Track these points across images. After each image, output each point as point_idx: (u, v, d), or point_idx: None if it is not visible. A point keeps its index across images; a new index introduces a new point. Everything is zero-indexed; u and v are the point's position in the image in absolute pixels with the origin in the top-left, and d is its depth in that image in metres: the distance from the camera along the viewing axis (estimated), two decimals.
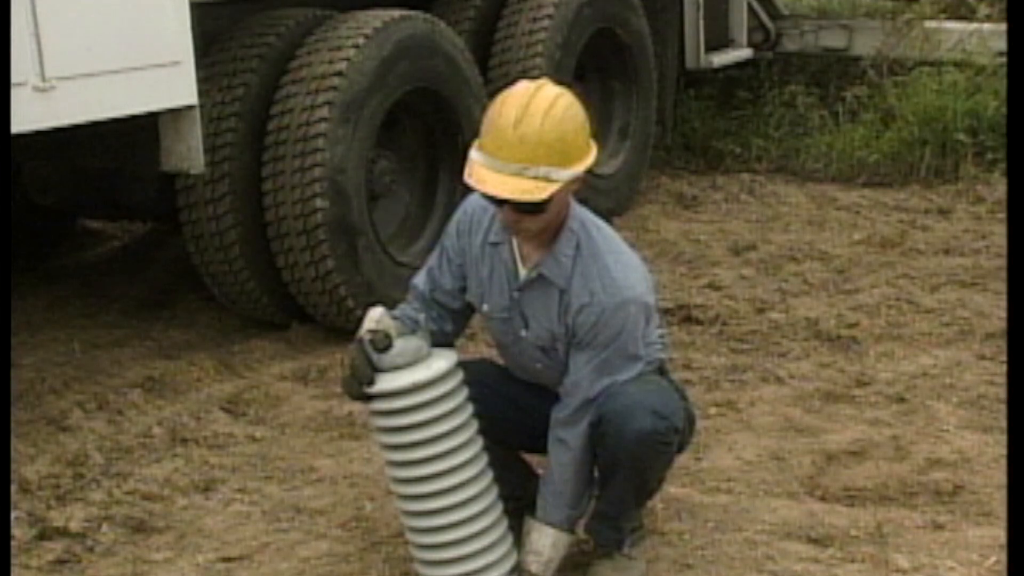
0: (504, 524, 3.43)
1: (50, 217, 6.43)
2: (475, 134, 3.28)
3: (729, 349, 5.27)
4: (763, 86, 8.67)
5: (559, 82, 3.36)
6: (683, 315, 5.60)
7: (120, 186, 5.47)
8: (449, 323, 3.53)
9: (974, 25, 8.34)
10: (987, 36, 8.13)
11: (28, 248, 6.39)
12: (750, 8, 8.56)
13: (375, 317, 3.34)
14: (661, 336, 3.55)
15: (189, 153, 4.77)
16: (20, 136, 4.07)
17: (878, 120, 8.01)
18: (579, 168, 3.19)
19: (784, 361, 5.11)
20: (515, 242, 3.37)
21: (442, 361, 3.32)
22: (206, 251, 5.35)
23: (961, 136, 7.53)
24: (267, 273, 5.37)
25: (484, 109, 5.58)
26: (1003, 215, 6.60)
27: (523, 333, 3.40)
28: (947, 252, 6.38)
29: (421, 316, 3.46)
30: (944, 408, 4.56)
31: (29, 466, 4.33)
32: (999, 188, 7.07)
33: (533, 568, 3.38)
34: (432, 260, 3.55)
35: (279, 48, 5.38)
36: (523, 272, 3.36)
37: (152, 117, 4.70)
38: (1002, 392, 4.57)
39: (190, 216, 5.31)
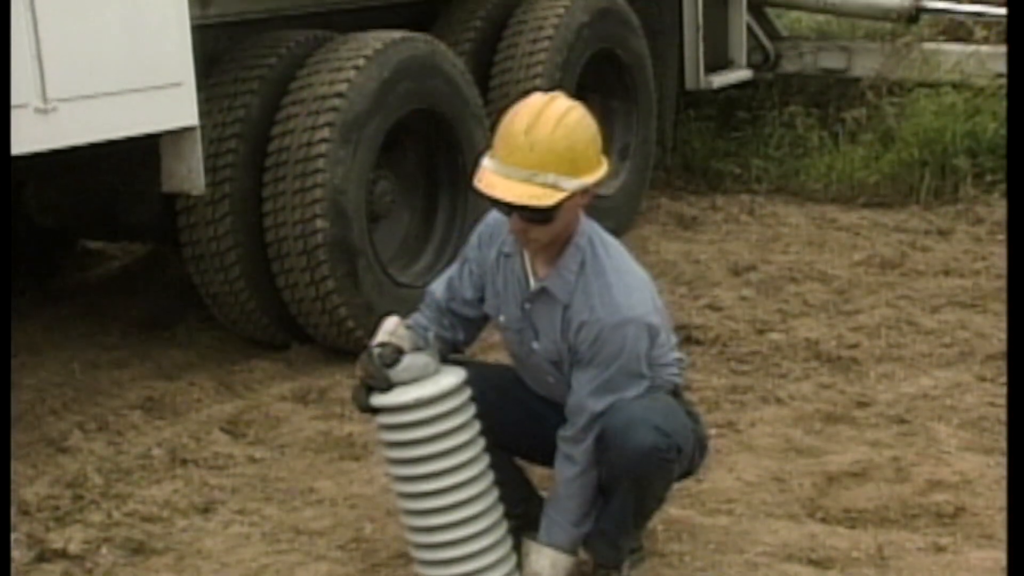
0: (508, 543, 3.44)
1: (51, 238, 6.44)
2: (475, 155, 3.30)
3: (729, 370, 5.27)
4: (763, 107, 8.69)
5: None
6: (683, 336, 5.58)
7: (121, 207, 5.48)
8: (461, 332, 3.56)
9: (972, 47, 8.37)
10: (985, 58, 8.16)
11: (29, 269, 6.39)
12: (750, 29, 8.59)
13: (389, 329, 3.38)
14: (679, 360, 3.55)
15: (190, 174, 4.77)
16: (21, 157, 4.07)
17: (877, 141, 8.03)
18: (588, 180, 3.21)
19: (784, 382, 5.11)
20: (526, 255, 3.39)
21: (449, 378, 3.33)
22: (206, 272, 5.35)
23: (960, 158, 7.55)
24: (267, 293, 5.37)
25: (484, 130, 5.64)
26: (1003, 236, 6.61)
27: (535, 345, 3.41)
28: (947, 273, 6.39)
29: (433, 328, 3.48)
30: (945, 430, 4.56)
31: (28, 488, 4.32)
32: (998, 209, 7.08)
33: None
34: (453, 270, 3.57)
35: (280, 69, 5.39)
36: (533, 284, 3.38)
37: (153, 138, 4.70)
38: (1003, 414, 4.56)
39: (190, 237, 5.31)
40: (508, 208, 3.21)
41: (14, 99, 3.97)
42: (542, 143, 3.14)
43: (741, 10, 8.38)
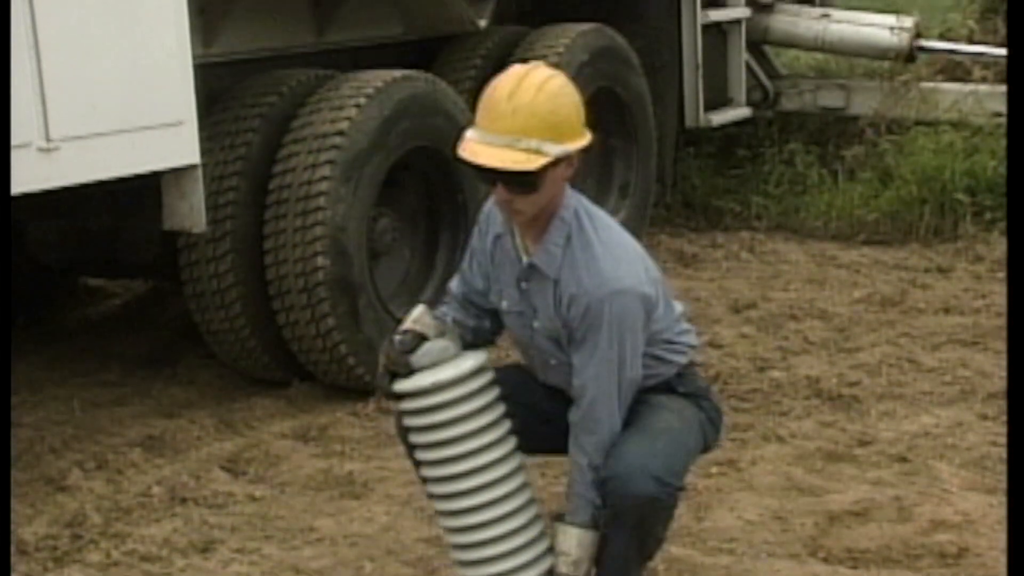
0: (539, 526, 3.41)
1: (52, 275, 6.44)
2: (476, 193, 3.30)
3: (730, 407, 5.25)
4: (762, 144, 8.71)
5: None
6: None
7: (122, 245, 5.49)
8: (487, 320, 3.55)
9: (970, 86, 8.41)
10: (983, 97, 8.20)
11: (30, 306, 6.40)
12: (749, 68, 8.62)
13: (415, 316, 3.40)
14: (686, 335, 3.48)
15: (191, 212, 4.78)
16: (24, 196, 4.08)
17: (877, 179, 8.05)
18: (571, 146, 3.19)
19: (785, 420, 5.10)
20: (516, 233, 3.36)
21: (469, 361, 3.33)
22: (207, 309, 5.36)
23: (959, 195, 7.57)
24: (268, 331, 5.37)
25: None
26: (1003, 274, 6.61)
27: (536, 324, 3.38)
28: (947, 311, 6.39)
29: (461, 317, 3.49)
30: (947, 469, 4.55)
31: (27, 527, 4.31)
32: (998, 247, 7.09)
33: (563, 569, 3.32)
34: (464, 262, 3.57)
35: (281, 108, 5.42)
36: (524, 262, 3.36)
37: (155, 176, 4.71)
38: (1005, 452, 4.55)
39: (191, 274, 5.31)
40: (492, 177, 3.19)
41: (17, 139, 3.99)
42: (524, 108, 3.13)
43: (740, 49, 8.42)
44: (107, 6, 4.35)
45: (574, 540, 3.32)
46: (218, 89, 5.39)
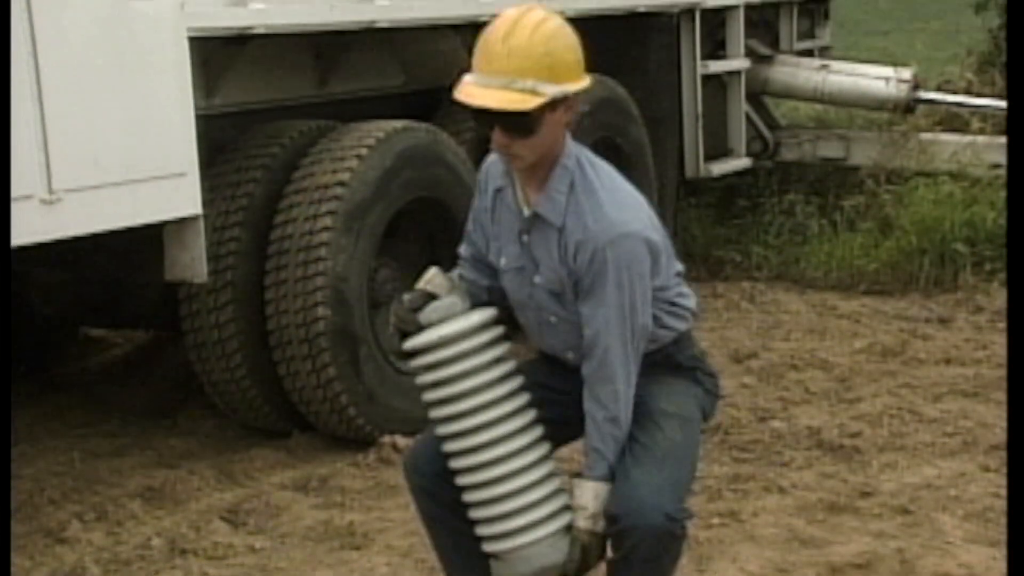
0: (556, 481, 3.35)
1: (52, 325, 6.44)
2: None
3: (731, 458, 5.25)
4: (762, 195, 8.74)
5: None
6: None
7: (123, 295, 5.50)
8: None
9: (968, 138, 8.45)
10: (981, 149, 8.24)
11: (30, 356, 6.39)
12: (748, 118, 8.66)
13: (427, 277, 3.38)
14: (687, 299, 3.44)
15: (192, 263, 4.79)
16: (25, 247, 4.09)
17: (876, 229, 8.07)
18: (568, 87, 3.16)
19: (787, 471, 5.09)
20: (517, 185, 3.33)
21: (476, 316, 3.31)
22: (208, 359, 5.35)
23: (959, 246, 7.59)
24: (269, 381, 5.37)
25: None
26: (1003, 325, 6.61)
27: (536, 279, 3.33)
28: (948, 362, 6.39)
29: (473, 275, 3.46)
30: (950, 521, 4.53)
31: None
32: (999, 298, 7.10)
33: (580, 524, 3.26)
34: (468, 225, 3.54)
35: (283, 158, 5.44)
36: (526, 213, 3.32)
37: (156, 227, 4.73)
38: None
39: (192, 324, 5.32)
40: (490, 120, 3.17)
41: (20, 190, 4.00)
42: (520, 49, 3.10)
43: (740, 99, 8.46)
44: (110, 58, 4.38)
45: (591, 493, 3.25)
46: (220, 140, 5.41)
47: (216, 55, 5.37)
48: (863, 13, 18.04)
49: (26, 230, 4.05)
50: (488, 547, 3.33)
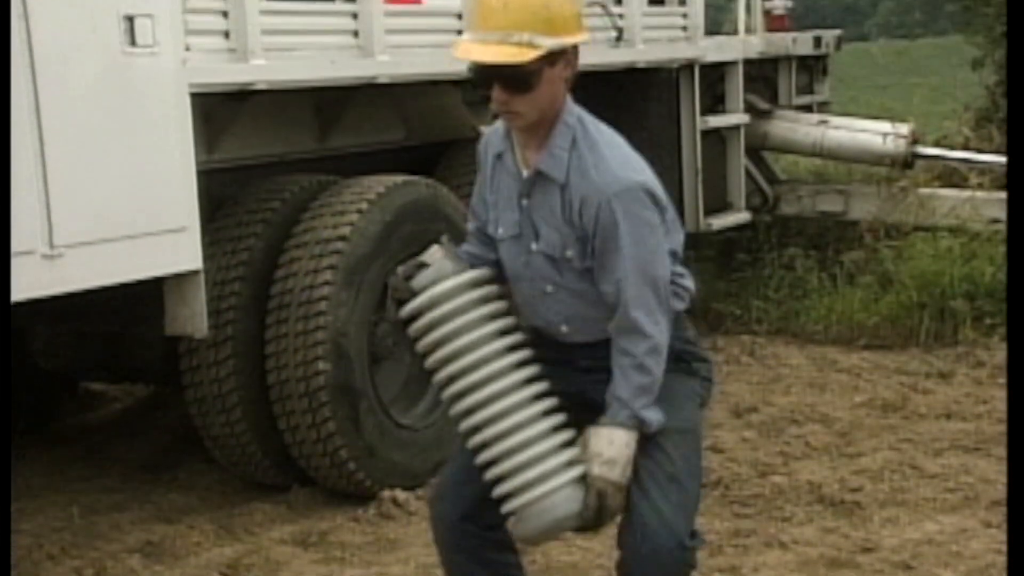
0: (565, 433, 3.26)
1: (52, 380, 6.44)
2: None
3: (732, 513, 5.24)
4: (762, 249, 8.76)
5: None
6: None
7: (124, 349, 5.50)
8: None
9: (967, 193, 8.48)
10: (980, 204, 8.26)
11: (30, 411, 6.38)
12: (748, 173, 8.70)
13: (429, 252, 3.37)
14: (684, 279, 3.37)
15: (193, 317, 4.80)
16: (26, 302, 4.09)
17: (876, 283, 8.08)
18: (566, 39, 3.16)
19: (787, 526, 5.07)
20: (516, 149, 3.31)
21: (466, 275, 3.29)
22: (208, 414, 5.35)
23: (959, 301, 7.60)
24: (269, 435, 5.36)
25: None
26: (1004, 379, 6.61)
27: (534, 247, 3.29)
28: (949, 417, 6.38)
29: (479, 250, 3.44)
30: None
31: None
32: (999, 353, 7.09)
33: (595, 470, 3.17)
34: (473, 199, 3.52)
35: (284, 213, 5.46)
36: (526, 175, 3.29)
37: (157, 281, 4.74)
38: None
39: (192, 379, 5.32)
40: (488, 77, 3.16)
41: (22, 246, 4.02)
42: (516, 2, 3.12)
43: (739, 154, 8.49)
44: (112, 114, 4.41)
45: (604, 440, 3.18)
46: (221, 195, 5.43)
47: (217, 110, 5.40)
48: (861, 68, 18.14)
49: (28, 285, 4.06)
50: (506, 508, 3.23)
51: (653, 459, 3.24)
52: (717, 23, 9.57)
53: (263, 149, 5.80)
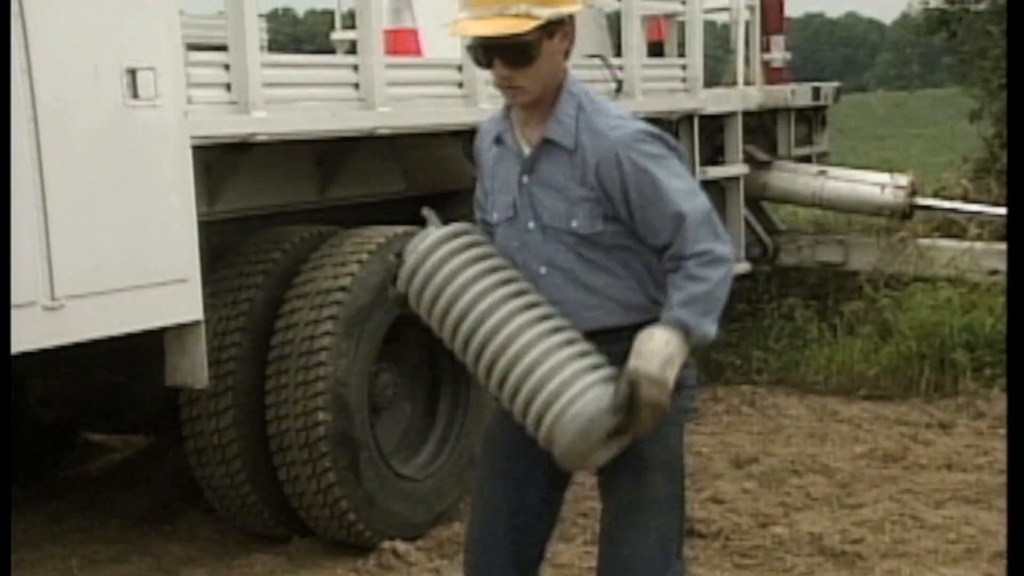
0: (581, 343, 3.16)
1: (52, 430, 6.43)
2: None
3: (733, 564, 5.22)
4: (762, 299, 8.77)
5: None
6: (686, 529, 5.54)
7: (124, 400, 5.50)
8: None
9: (966, 244, 8.50)
10: (979, 255, 8.28)
11: (29, 462, 6.37)
12: (748, 223, 8.72)
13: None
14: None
15: (193, 368, 4.80)
16: (26, 353, 4.10)
17: (876, 334, 8.09)
18: (562, 9, 3.18)
19: None
20: (516, 128, 3.32)
21: (443, 229, 3.31)
22: (208, 464, 5.34)
23: (959, 352, 7.60)
24: (269, 486, 5.35)
25: None
26: (1004, 431, 6.60)
27: (531, 225, 3.28)
28: (950, 467, 6.37)
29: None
30: None
31: None
32: (999, 404, 7.09)
33: (631, 363, 3.04)
34: (476, 191, 3.53)
35: (284, 264, 5.47)
36: (527, 152, 3.29)
37: (158, 332, 4.74)
38: None
39: (192, 429, 5.31)
40: (488, 54, 3.19)
41: (23, 297, 4.03)
42: None
43: (739, 205, 8.51)
44: (113, 165, 4.42)
45: (644, 336, 3.07)
46: (222, 245, 5.45)
47: (219, 161, 5.43)
48: (860, 119, 18.24)
49: (28, 337, 4.06)
50: (542, 434, 3.11)
51: (638, 493, 3.25)
52: (716, 75, 9.62)
53: (264, 200, 5.82)
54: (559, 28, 3.20)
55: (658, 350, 3.06)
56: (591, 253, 3.24)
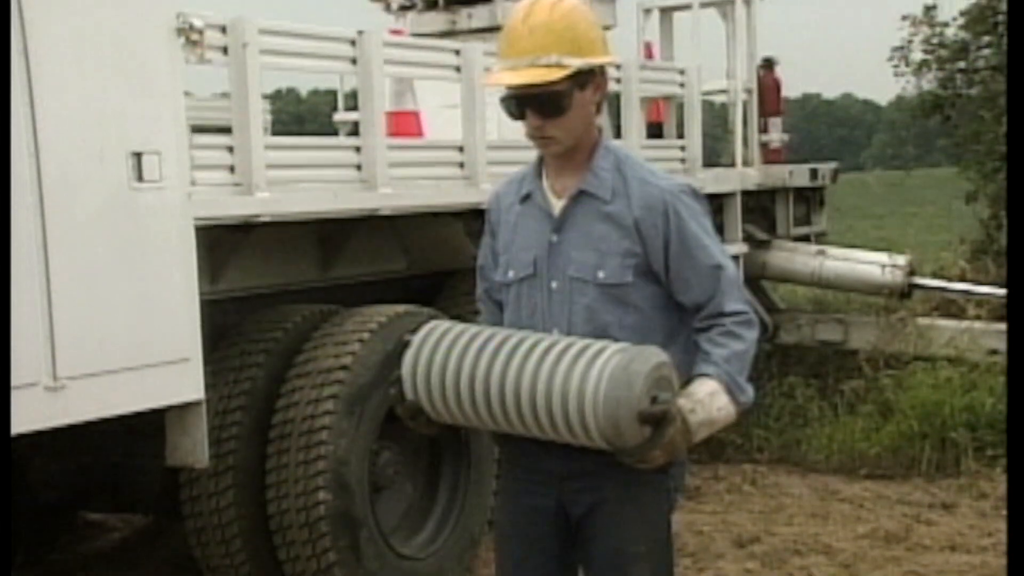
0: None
1: (51, 510, 6.40)
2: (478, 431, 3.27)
3: None
4: (762, 377, 8.75)
5: None
6: None
7: (124, 480, 5.48)
8: None
9: (965, 323, 8.52)
10: (978, 335, 8.30)
11: (28, 541, 6.33)
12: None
13: None
14: None
15: (194, 448, 4.79)
16: (27, 434, 4.09)
17: (876, 413, 8.08)
18: (593, 59, 3.21)
19: None
20: (547, 183, 3.32)
21: (425, 327, 3.30)
22: (208, 544, 5.31)
23: (959, 431, 7.59)
24: (268, 566, 5.32)
25: None
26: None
27: (554, 285, 3.26)
28: (953, 548, 6.33)
29: (492, 318, 3.43)
30: None
31: None
32: (1002, 484, 7.06)
33: (680, 400, 3.11)
34: (480, 259, 3.50)
35: (286, 342, 5.48)
36: (557, 207, 3.28)
37: (159, 412, 4.74)
38: None
39: (193, 509, 5.29)
40: (520, 105, 3.21)
41: (25, 378, 4.03)
42: (540, 26, 3.17)
43: None
44: (117, 246, 4.44)
45: (697, 382, 3.18)
46: (224, 324, 5.46)
47: (221, 241, 5.45)
48: (858, 198, 18.35)
49: (30, 417, 4.05)
50: (572, 436, 3.08)
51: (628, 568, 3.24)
52: (715, 155, 9.69)
53: (266, 279, 5.84)
54: (591, 80, 3.24)
55: (707, 402, 3.20)
56: (608, 315, 3.22)
